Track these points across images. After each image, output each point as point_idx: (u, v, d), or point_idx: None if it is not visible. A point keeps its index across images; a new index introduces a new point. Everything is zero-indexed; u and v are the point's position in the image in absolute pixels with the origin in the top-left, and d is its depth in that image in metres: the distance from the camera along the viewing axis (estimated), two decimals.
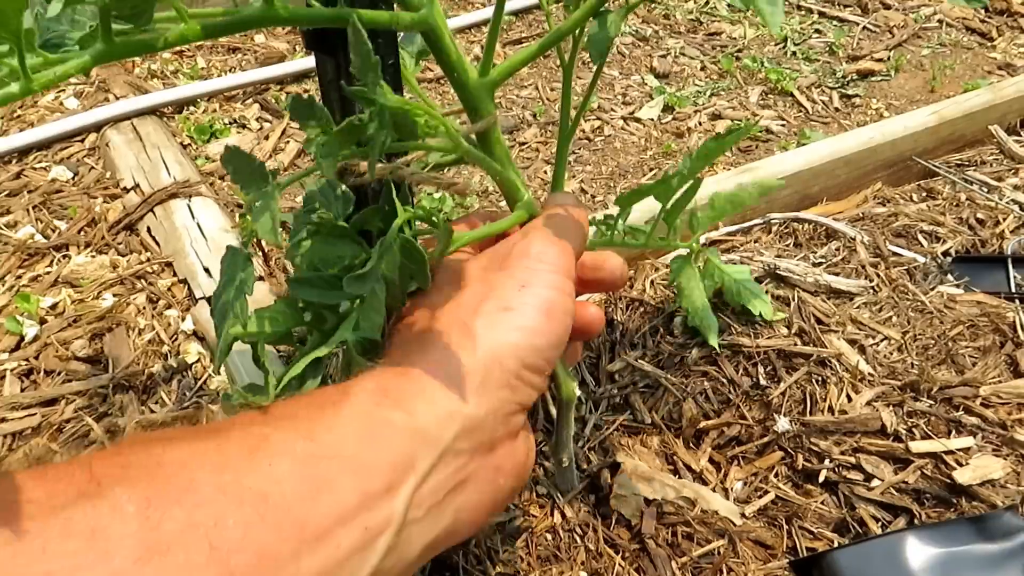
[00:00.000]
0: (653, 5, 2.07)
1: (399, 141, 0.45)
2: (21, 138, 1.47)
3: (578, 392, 0.66)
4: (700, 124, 1.63)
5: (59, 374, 1.03)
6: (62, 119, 1.51)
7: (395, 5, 0.51)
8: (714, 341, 0.87)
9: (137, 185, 1.35)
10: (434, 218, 0.50)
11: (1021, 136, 1.36)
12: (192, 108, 1.63)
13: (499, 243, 0.53)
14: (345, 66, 0.59)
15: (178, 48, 1.85)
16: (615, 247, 0.71)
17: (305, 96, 0.45)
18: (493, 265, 0.50)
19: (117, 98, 1.58)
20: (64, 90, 1.64)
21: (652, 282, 1.04)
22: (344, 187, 0.41)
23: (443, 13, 0.50)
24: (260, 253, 1.18)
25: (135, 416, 0.95)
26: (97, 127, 1.51)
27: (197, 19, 0.39)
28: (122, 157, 1.41)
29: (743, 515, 0.80)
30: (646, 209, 1.02)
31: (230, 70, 1.79)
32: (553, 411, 0.77)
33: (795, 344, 0.92)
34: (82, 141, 1.50)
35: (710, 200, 0.84)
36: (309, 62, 1.74)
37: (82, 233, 1.28)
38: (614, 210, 0.73)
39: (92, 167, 1.44)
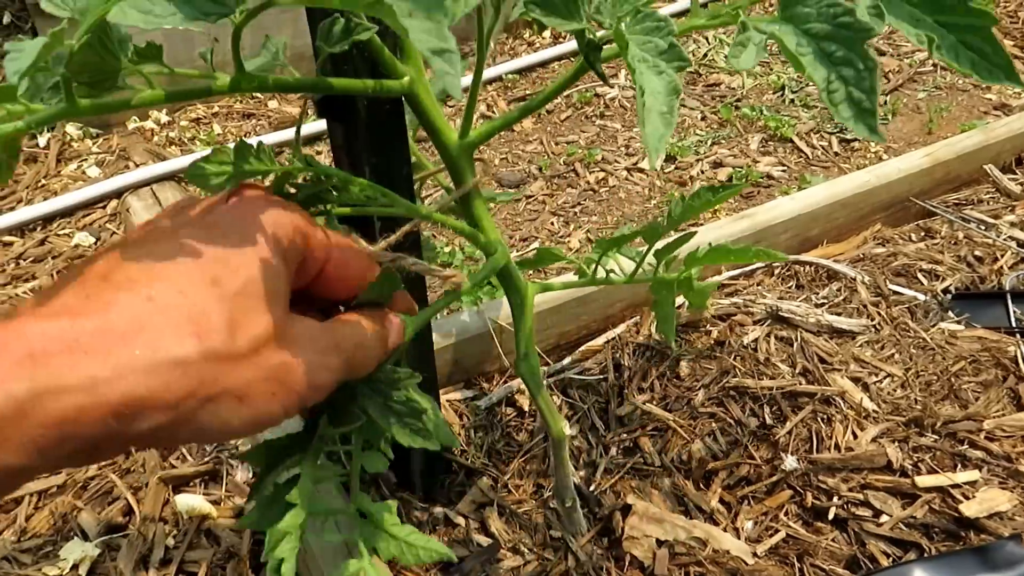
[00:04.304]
0: None
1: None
2: (45, 206, 1.52)
3: (568, 431, 0.68)
4: (702, 172, 1.67)
5: None
6: (84, 187, 1.57)
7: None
8: (672, 340, 0.88)
9: None
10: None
11: (1016, 174, 1.39)
12: None
13: None
14: (353, 132, 0.63)
15: (194, 116, 1.92)
16: (597, 284, 0.75)
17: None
18: None
19: (137, 165, 1.64)
20: (86, 159, 1.71)
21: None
22: None
23: (426, 83, 0.55)
24: None
25: (157, 471, 0.98)
26: (118, 194, 1.57)
27: (164, 87, 0.43)
28: (142, 222, 1.46)
29: (755, 554, 0.81)
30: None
31: (245, 135, 1.85)
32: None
33: (800, 384, 0.94)
34: (104, 207, 1.56)
35: (712, 249, 0.86)
36: (320, 125, 1.80)
37: None
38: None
39: (114, 232, 1.49)
